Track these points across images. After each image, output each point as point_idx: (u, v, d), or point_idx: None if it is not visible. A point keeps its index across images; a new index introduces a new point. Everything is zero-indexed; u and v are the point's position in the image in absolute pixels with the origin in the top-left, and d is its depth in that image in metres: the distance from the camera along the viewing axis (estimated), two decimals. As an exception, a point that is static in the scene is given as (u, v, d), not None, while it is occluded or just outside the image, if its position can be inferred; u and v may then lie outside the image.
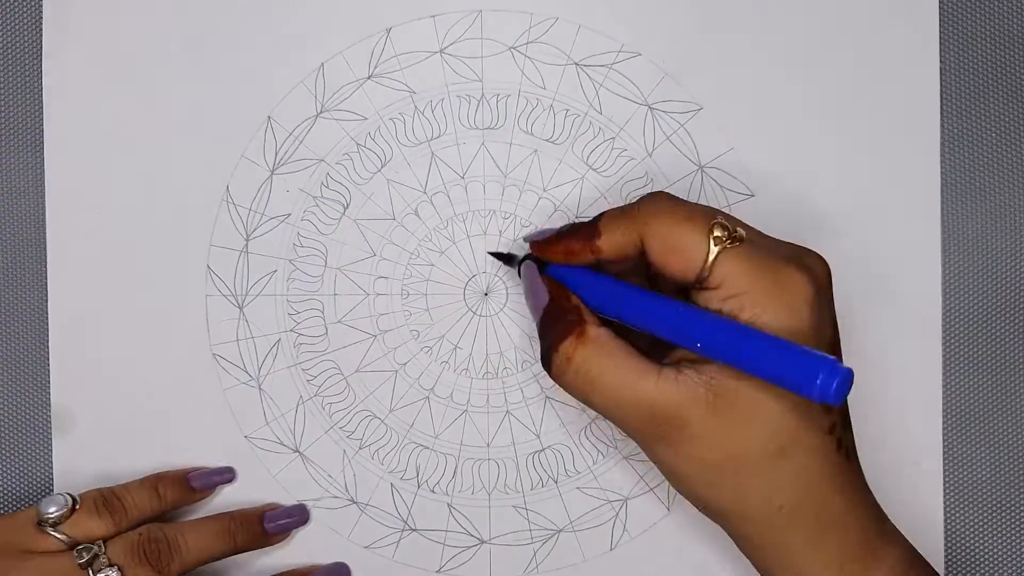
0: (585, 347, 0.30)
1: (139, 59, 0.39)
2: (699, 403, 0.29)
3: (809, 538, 0.30)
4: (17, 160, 0.39)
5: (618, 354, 0.30)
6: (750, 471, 0.29)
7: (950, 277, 0.39)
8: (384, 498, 0.39)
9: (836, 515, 0.30)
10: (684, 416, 0.29)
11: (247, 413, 0.39)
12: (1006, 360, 0.40)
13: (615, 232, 0.31)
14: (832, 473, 0.30)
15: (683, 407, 0.29)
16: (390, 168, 0.39)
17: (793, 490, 0.29)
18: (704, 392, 0.29)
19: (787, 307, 0.28)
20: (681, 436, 0.29)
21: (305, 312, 0.39)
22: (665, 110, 0.39)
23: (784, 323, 0.28)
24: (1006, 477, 0.40)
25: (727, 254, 0.29)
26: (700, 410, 0.29)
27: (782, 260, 0.29)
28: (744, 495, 0.30)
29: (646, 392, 0.29)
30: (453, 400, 0.39)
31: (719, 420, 0.29)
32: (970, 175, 0.40)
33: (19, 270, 0.39)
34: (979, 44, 0.40)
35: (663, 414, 0.29)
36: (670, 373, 0.29)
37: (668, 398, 0.29)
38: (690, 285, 0.30)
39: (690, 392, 0.29)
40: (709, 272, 0.29)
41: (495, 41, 0.39)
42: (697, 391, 0.29)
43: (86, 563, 0.33)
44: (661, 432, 0.30)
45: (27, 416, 0.39)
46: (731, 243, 0.29)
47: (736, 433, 0.29)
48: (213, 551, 0.36)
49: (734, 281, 0.29)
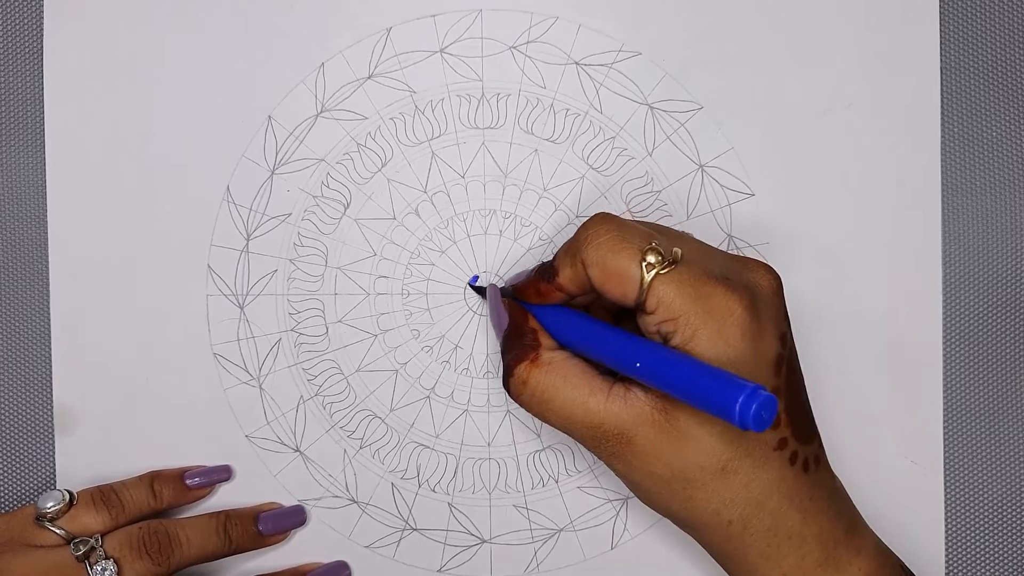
0: (539, 369, 0.32)
1: (140, 59, 0.39)
2: (644, 421, 0.30)
3: (764, 551, 0.31)
4: (18, 160, 0.39)
5: (571, 374, 0.31)
6: (695, 487, 0.30)
7: (950, 276, 0.39)
8: (385, 497, 0.39)
9: (792, 528, 0.30)
10: (629, 433, 0.30)
11: (248, 413, 0.39)
12: (1006, 359, 0.40)
13: (566, 267, 0.32)
14: (785, 488, 0.30)
15: (629, 425, 0.30)
16: (390, 168, 0.39)
17: (741, 506, 0.30)
18: (650, 410, 0.30)
19: (716, 328, 0.29)
20: (630, 451, 0.30)
21: (306, 312, 0.39)
22: (665, 109, 0.39)
23: (716, 345, 0.29)
24: (1007, 475, 0.40)
25: (660, 279, 0.29)
26: (645, 428, 0.30)
27: (714, 280, 0.29)
28: (693, 508, 0.30)
29: (595, 410, 0.30)
30: (454, 399, 0.39)
31: (663, 438, 0.30)
32: (970, 173, 0.40)
33: (21, 270, 0.39)
34: (979, 43, 0.40)
35: (611, 431, 0.30)
36: (619, 390, 0.30)
37: (615, 415, 0.30)
38: (635, 309, 0.30)
39: (636, 410, 0.30)
40: (646, 297, 0.29)
41: (495, 41, 0.39)
42: (643, 409, 0.30)
43: (83, 556, 0.34)
44: (611, 447, 0.31)
45: (29, 415, 0.39)
46: (665, 267, 0.29)
47: (679, 450, 0.30)
48: (209, 548, 0.36)
49: (667, 306, 0.29)
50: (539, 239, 0.39)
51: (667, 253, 0.29)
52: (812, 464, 0.31)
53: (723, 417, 0.26)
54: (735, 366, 0.29)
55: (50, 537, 0.34)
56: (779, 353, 0.30)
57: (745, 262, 0.32)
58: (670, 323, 0.29)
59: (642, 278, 0.29)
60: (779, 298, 0.31)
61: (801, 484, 0.30)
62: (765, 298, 0.30)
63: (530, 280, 0.34)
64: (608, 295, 0.30)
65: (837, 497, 0.32)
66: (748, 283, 0.30)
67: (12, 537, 0.34)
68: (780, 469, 0.30)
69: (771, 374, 0.30)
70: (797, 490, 0.30)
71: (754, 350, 0.29)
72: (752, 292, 0.30)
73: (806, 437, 0.31)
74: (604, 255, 0.30)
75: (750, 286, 0.30)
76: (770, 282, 0.31)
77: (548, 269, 0.33)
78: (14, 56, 0.39)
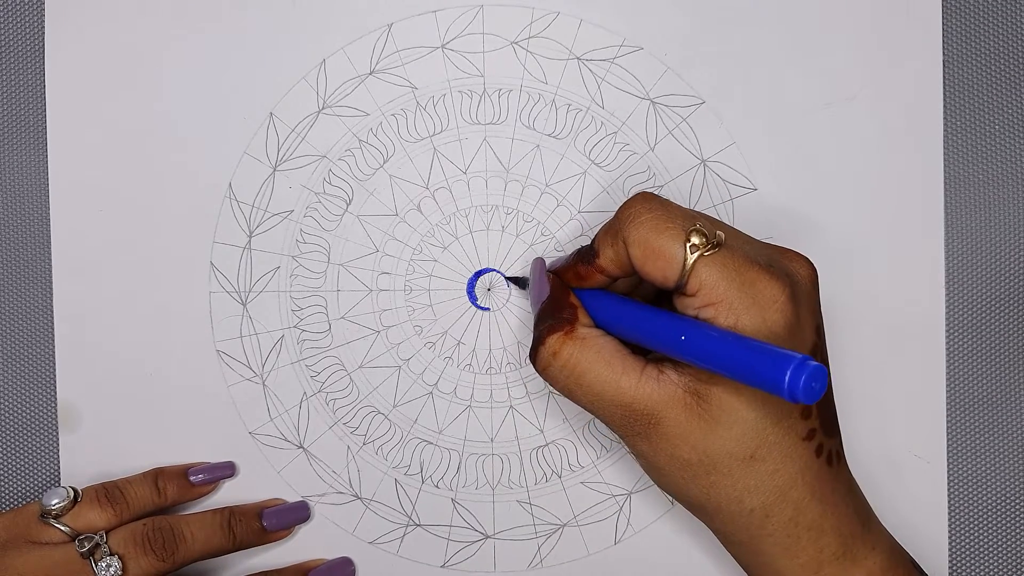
0: (573, 343, 0.31)
1: (141, 57, 0.39)
2: (676, 403, 0.30)
3: (783, 541, 0.30)
4: (21, 158, 0.39)
5: (603, 351, 0.31)
6: (721, 472, 0.30)
7: (953, 268, 0.39)
8: (388, 494, 0.39)
9: (812, 520, 0.30)
10: (660, 414, 0.30)
11: (251, 409, 0.39)
12: (1009, 352, 0.40)
13: (607, 248, 0.31)
14: (809, 479, 0.30)
15: (660, 405, 0.30)
16: (392, 164, 0.39)
17: (765, 494, 0.30)
18: (682, 393, 0.30)
19: (759, 315, 0.29)
20: (657, 432, 0.30)
21: (308, 308, 0.39)
22: (667, 104, 0.39)
23: (758, 332, 0.28)
24: (1010, 468, 0.39)
25: (704, 261, 0.29)
26: (676, 410, 0.30)
27: (757, 266, 0.29)
28: (716, 494, 0.30)
29: (626, 389, 0.30)
30: (456, 395, 0.39)
31: (693, 421, 0.29)
32: (973, 166, 0.39)
33: (24, 268, 0.39)
34: (982, 35, 0.39)
35: (641, 411, 0.30)
36: (652, 371, 0.30)
37: (647, 396, 0.30)
38: (671, 291, 0.30)
39: (668, 392, 0.30)
40: (688, 279, 0.29)
41: (496, 36, 0.39)
42: (675, 391, 0.30)
43: (87, 552, 0.34)
44: (638, 428, 0.30)
45: (33, 413, 0.39)
46: (709, 250, 0.29)
47: (708, 435, 0.29)
48: (214, 544, 0.36)
49: (710, 288, 0.29)
50: (541, 235, 0.39)
51: (711, 235, 0.29)
52: (835, 458, 0.31)
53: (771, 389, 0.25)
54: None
55: (55, 534, 0.34)
56: (815, 343, 0.30)
57: (783, 251, 0.32)
58: (711, 307, 0.29)
59: (685, 259, 0.29)
60: (816, 289, 0.31)
61: (824, 476, 0.30)
62: (804, 288, 0.30)
63: (569, 263, 0.33)
64: (648, 276, 0.30)
65: (854, 492, 0.32)
66: (788, 272, 0.30)
67: (17, 534, 0.34)
68: (806, 460, 0.30)
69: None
70: (820, 482, 0.30)
71: (793, 339, 0.29)
72: (792, 282, 0.30)
73: (831, 431, 0.31)
74: (647, 234, 0.30)
75: (791, 275, 0.30)
76: (808, 272, 0.31)
77: (588, 251, 0.32)
78: (15, 54, 0.39)
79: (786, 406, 0.29)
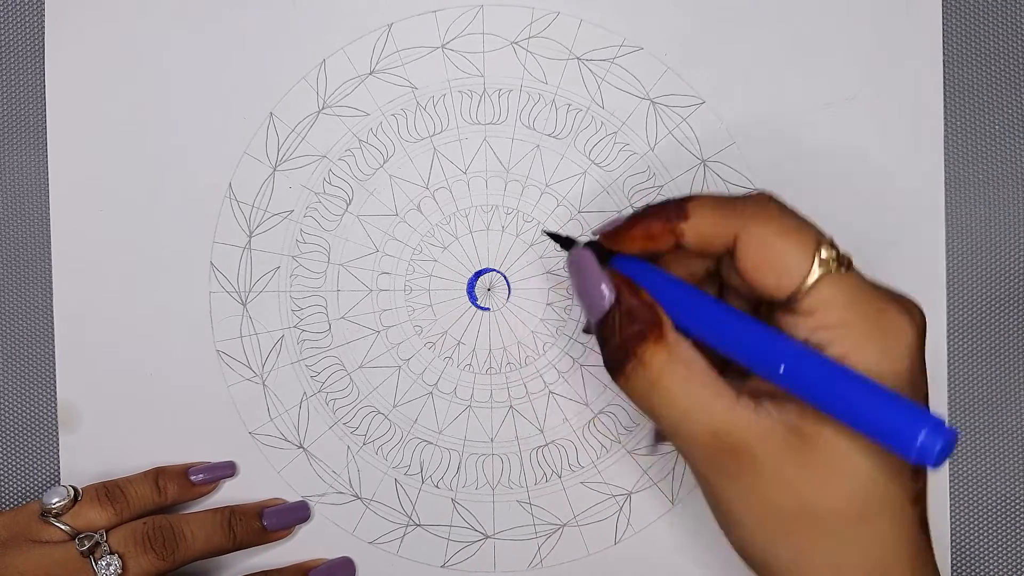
0: (663, 353, 0.26)
1: (141, 56, 0.39)
2: (775, 441, 0.25)
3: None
4: (21, 158, 0.39)
5: (695, 367, 0.26)
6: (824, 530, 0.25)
7: (954, 269, 0.39)
8: (388, 494, 0.39)
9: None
10: (756, 451, 0.25)
11: (251, 409, 0.39)
12: (1011, 351, 0.39)
13: (705, 220, 0.27)
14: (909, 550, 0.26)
15: (757, 441, 0.25)
16: (392, 164, 0.39)
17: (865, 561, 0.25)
18: (784, 429, 0.25)
19: (886, 351, 0.25)
20: (749, 473, 0.25)
21: (308, 308, 0.39)
22: (667, 104, 0.39)
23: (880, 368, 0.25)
24: (1011, 469, 0.39)
25: (830, 280, 0.25)
26: (776, 448, 0.25)
27: (887, 297, 0.26)
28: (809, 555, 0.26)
29: (719, 416, 0.26)
30: (456, 396, 0.39)
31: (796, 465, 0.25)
32: (974, 166, 0.39)
33: (24, 268, 0.39)
34: (982, 34, 0.39)
35: (733, 444, 0.25)
36: (748, 403, 0.26)
37: (744, 427, 0.25)
38: (778, 305, 0.26)
39: (767, 427, 0.25)
40: (805, 295, 0.25)
41: (496, 36, 0.39)
42: (775, 427, 0.25)
43: (87, 551, 0.34)
44: (725, 464, 0.26)
45: (33, 413, 0.39)
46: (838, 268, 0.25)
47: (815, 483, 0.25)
48: (214, 543, 0.36)
49: (830, 311, 0.25)
50: (541, 235, 0.39)
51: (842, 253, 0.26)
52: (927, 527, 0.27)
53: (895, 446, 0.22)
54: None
55: (55, 533, 0.34)
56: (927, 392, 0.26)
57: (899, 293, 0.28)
58: (827, 331, 0.25)
59: (808, 273, 0.25)
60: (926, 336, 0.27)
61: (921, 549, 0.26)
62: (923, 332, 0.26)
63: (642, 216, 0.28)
64: (756, 281, 0.26)
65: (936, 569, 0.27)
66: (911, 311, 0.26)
67: (17, 533, 0.34)
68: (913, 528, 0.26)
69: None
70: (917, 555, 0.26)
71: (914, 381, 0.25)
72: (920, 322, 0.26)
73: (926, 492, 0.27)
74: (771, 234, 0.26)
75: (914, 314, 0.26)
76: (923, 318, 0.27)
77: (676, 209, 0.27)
78: (16, 55, 0.39)
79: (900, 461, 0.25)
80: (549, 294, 0.39)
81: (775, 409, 0.26)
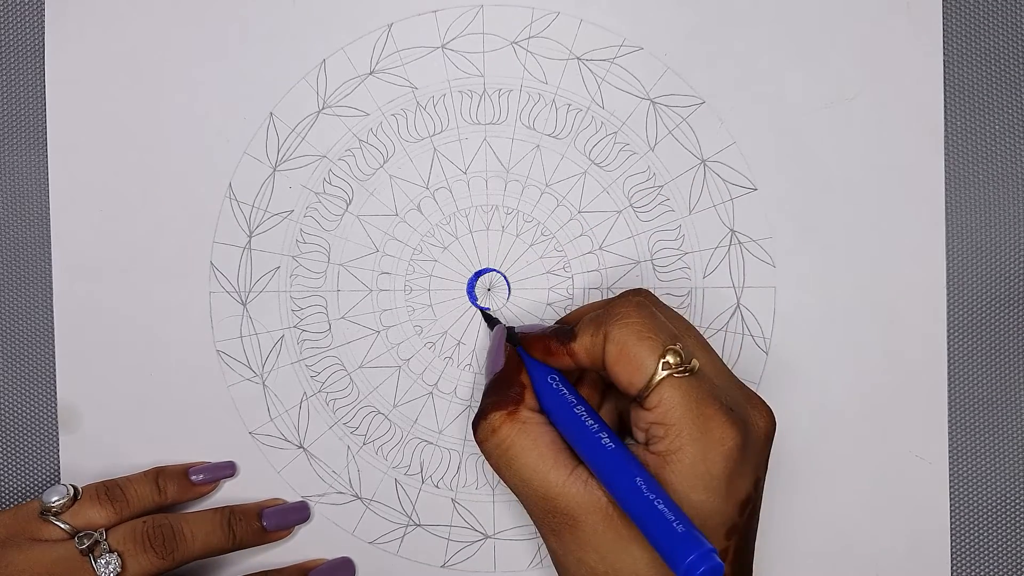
0: (512, 424, 0.31)
1: (141, 57, 0.39)
2: (597, 512, 0.30)
3: None
4: (21, 159, 0.39)
5: (540, 440, 0.31)
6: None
7: (954, 268, 0.39)
8: (388, 494, 0.39)
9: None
10: (579, 518, 0.30)
11: (251, 409, 0.39)
12: (1010, 352, 0.39)
13: (586, 336, 0.31)
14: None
15: (580, 509, 0.30)
16: (392, 164, 0.39)
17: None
18: (605, 504, 0.30)
19: (703, 451, 0.29)
20: (571, 534, 0.30)
21: (308, 308, 0.39)
22: (667, 104, 0.39)
23: (696, 467, 0.29)
24: (1011, 468, 0.39)
25: (670, 382, 0.29)
26: (595, 518, 0.30)
27: (717, 405, 0.29)
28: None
29: (553, 485, 0.30)
30: (456, 395, 0.39)
31: (609, 534, 0.30)
32: (974, 166, 0.39)
33: (24, 268, 0.39)
34: (983, 34, 0.39)
35: (561, 509, 0.30)
36: (582, 474, 0.30)
37: (571, 496, 0.30)
38: (631, 398, 0.30)
39: (592, 499, 0.30)
40: (649, 392, 0.30)
41: (497, 36, 0.39)
42: (599, 501, 0.30)
43: (87, 549, 0.34)
44: (555, 525, 0.30)
45: (34, 413, 0.39)
46: (679, 373, 0.29)
47: (619, 553, 0.29)
48: (213, 543, 0.36)
49: (666, 409, 0.29)
50: (541, 235, 0.39)
51: (686, 360, 0.30)
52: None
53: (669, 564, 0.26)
54: (707, 494, 0.29)
55: (55, 531, 0.34)
56: (749, 494, 0.30)
57: (749, 396, 0.32)
58: (661, 427, 0.29)
59: (654, 373, 0.29)
60: (768, 444, 0.31)
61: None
62: (756, 441, 0.31)
63: (543, 335, 0.33)
64: (615, 377, 0.30)
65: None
66: (746, 420, 0.30)
67: (17, 531, 0.34)
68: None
69: (736, 512, 0.30)
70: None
71: (729, 487, 0.29)
72: (746, 431, 0.30)
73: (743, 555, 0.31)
74: (628, 336, 0.30)
75: (747, 424, 0.30)
76: (765, 425, 0.31)
77: (567, 332, 0.32)
78: (16, 55, 0.39)
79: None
80: (549, 294, 0.39)
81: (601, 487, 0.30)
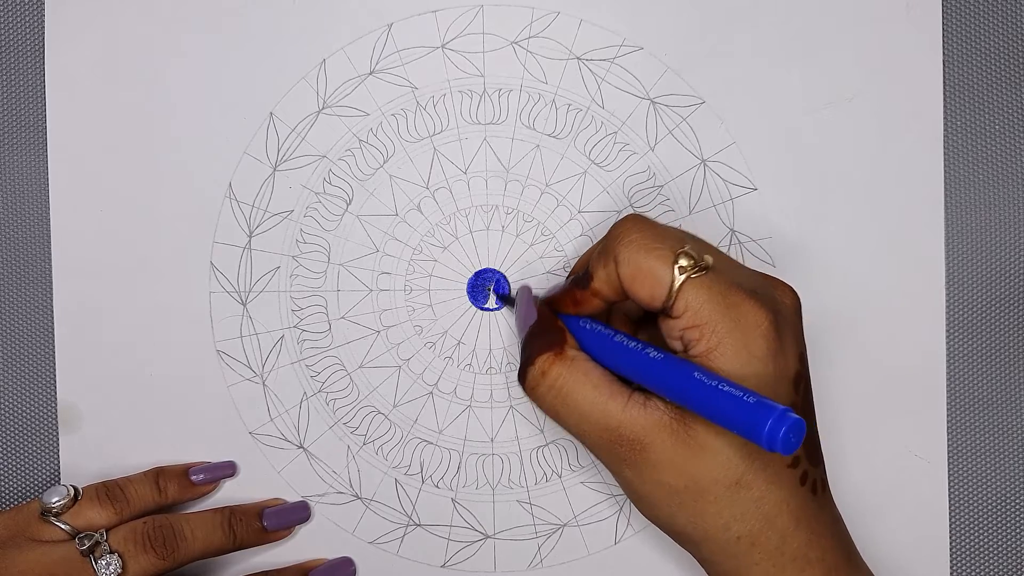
0: (561, 363, 0.31)
1: (141, 56, 0.39)
2: (663, 430, 0.30)
3: (769, 570, 0.30)
4: (21, 158, 0.39)
5: (591, 374, 0.31)
6: (708, 499, 0.30)
7: (953, 269, 0.39)
8: (388, 493, 0.39)
9: (798, 549, 0.30)
10: (646, 441, 0.30)
11: (251, 409, 0.39)
12: (1010, 351, 0.40)
13: (600, 269, 0.31)
14: (794, 507, 0.30)
15: (647, 432, 0.30)
16: (392, 164, 0.39)
17: (751, 521, 0.30)
18: (669, 420, 0.30)
19: (742, 339, 0.29)
20: (643, 460, 0.30)
21: (308, 308, 0.39)
22: (667, 104, 0.39)
23: (740, 356, 0.29)
24: (1010, 469, 0.39)
25: (691, 284, 0.29)
26: (663, 436, 0.30)
27: (743, 292, 0.30)
28: (702, 521, 0.30)
29: (613, 413, 0.30)
30: (457, 395, 0.39)
31: (680, 447, 0.30)
32: (973, 166, 0.39)
33: (24, 268, 0.39)
34: (982, 34, 0.39)
35: (627, 436, 0.30)
36: (639, 398, 0.30)
37: (634, 421, 0.30)
38: (657, 312, 0.30)
39: (655, 419, 0.30)
40: (673, 301, 0.29)
41: (497, 36, 0.39)
42: (662, 418, 0.30)
43: (87, 550, 0.34)
44: (624, 454, 0.30)
45: (33, 413, 0.39)
46: (696, 272, 0.29)
47: (695, 461, 0.30)
48: (214, 543, 0.36)
49: (694, 311, 0.29)
50: (541, 235, 0.39)
51: (699, 258, 0.30)
52: (820, 487, 0.31)
53: (750, 438, 0.26)
54: (759, 379, 0.29)
55: (55, 532, 0.34)
56: (798, 371, 0.30)
57: (768, 279, 0.32)
58: (695, 329, 0.29)
59: (672, 281, 0.29)
60: (799, 318, 0.32)
61: (809, 505, 0.30)
62: (788, 316, 0.31)
63: (566, 289, 0.33)
64: (636, 296, 0.30)
65: (839, 525, 0.32)
66: (773, 299, 0.31)
67: (17, 532, 0.34)
68: (792, 488, 0.30)
69: (790, 391, 0.30)
70: (805, 511, 0.30)
71: (776, 366, 0.29)
72: (776, 308, 0.30)
73: (816, 459, 0.31)
74: (636, 254, 0.30)
75: (775, 302, 0.30)
76: (792, 301, 0.32)
77: (584, 277, 0.32)
78: (16, 55, 0.39)
79: None
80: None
81: (661, 403, 0.30)
